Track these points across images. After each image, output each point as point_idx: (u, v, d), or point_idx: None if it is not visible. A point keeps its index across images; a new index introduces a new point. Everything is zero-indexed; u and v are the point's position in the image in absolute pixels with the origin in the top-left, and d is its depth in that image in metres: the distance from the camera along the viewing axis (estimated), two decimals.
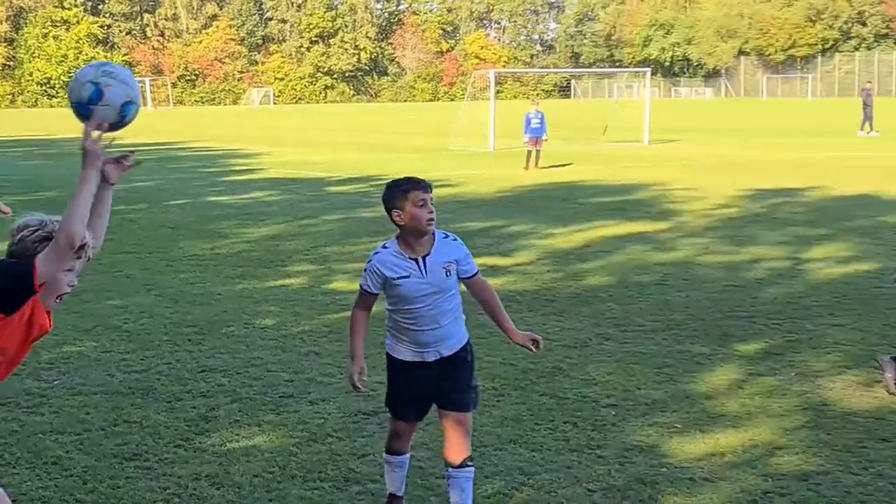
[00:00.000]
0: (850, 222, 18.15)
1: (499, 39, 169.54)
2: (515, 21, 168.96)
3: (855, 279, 13.17)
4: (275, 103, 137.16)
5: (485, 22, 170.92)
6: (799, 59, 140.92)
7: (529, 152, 30.99)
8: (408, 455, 6.16)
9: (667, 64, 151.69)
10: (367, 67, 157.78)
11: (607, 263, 14.41)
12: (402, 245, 5.70)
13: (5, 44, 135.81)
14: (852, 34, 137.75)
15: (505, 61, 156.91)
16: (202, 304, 12.03)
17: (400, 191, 5.66)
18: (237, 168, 32.57)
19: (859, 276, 13.31)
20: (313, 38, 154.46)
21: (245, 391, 8.56)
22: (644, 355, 9.52)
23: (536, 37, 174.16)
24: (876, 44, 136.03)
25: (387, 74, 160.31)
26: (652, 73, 64.12)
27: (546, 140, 31.68)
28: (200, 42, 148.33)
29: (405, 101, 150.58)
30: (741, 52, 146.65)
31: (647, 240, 16.53)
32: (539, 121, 31.28)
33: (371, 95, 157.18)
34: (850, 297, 11.97)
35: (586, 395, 8.33)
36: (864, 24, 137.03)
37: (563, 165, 31.57)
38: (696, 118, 70.07)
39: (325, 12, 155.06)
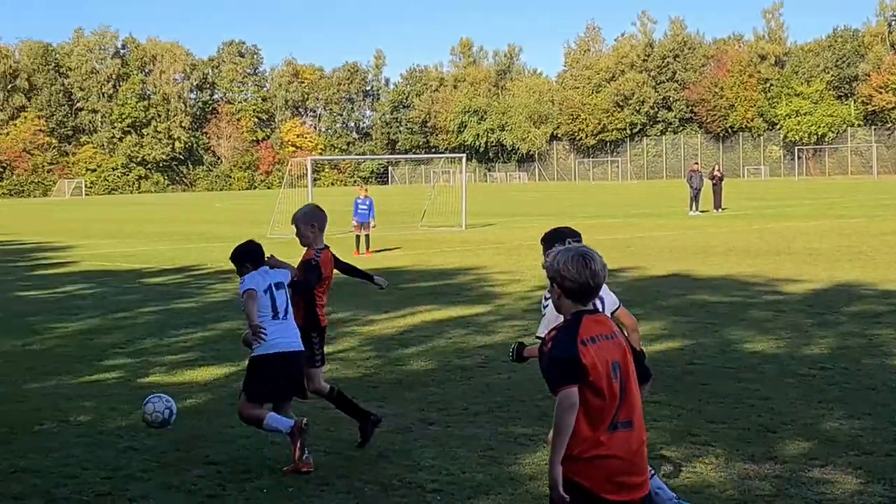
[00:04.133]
0: (663, 301, 18.61)
1: (314, 127, 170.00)
2: (331, 109, 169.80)
3: (668, 355, 13.48)
4: (86, 194, 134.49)
5: (300, 110, 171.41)
6: (609, 143, 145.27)
7: (358, 237, 31.22)
8: None
9: (482, 149, 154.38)
10: (181, 157, 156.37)
11: (429, 348, 14.44)
12: None
13: None
14: (658, 118, 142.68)
15: (321, 149, 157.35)
16: (12, 402, 11.59)
17: None
18: (47, 262, 31.69)
19: (672, 353, 13.63)
20: (125, 128, 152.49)
21: (60, 491, 8.24)
22: (468, 438, 9.52)
23: (352, 124, 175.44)
24: (681, 127, 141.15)
25: (202, 163, 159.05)
26: (467, 159, 65.05)
27: (374, 226, 32.01)
28: (7, 134, 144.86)
29: (221, 189, 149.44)
30: (553, 137, 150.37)
31: (467, 323, 16.65)
32: (366, 206, 31.52)
33: (187, 185, 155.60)
34: (665, 374, 12.23)
35: (411, 480, 8.28)
36: (669, 109, 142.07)
37: (392, 250, 31.77)
38: (512, 202, 71.23)
39: (137, 102, 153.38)
